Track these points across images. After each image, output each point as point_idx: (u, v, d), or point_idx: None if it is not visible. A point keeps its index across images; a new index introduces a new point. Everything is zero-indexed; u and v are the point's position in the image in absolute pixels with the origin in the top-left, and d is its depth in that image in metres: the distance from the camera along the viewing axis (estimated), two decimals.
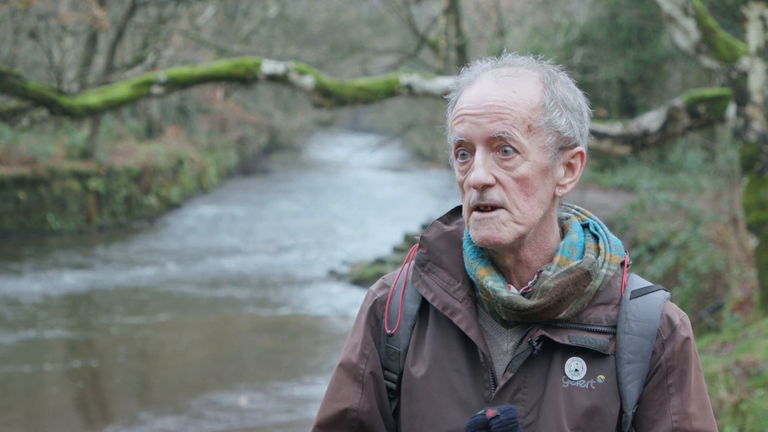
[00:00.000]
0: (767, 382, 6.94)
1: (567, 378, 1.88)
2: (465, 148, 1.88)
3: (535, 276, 1.92)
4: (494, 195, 1.86)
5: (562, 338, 1.88)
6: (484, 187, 1.86)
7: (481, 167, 1.85)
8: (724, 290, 10.38)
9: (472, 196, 1.87)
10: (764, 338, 7.87)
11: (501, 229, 1.86)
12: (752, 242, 8.74)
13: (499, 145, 1.86)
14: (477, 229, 1.87)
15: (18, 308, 14.84)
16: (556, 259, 1.91)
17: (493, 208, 1.86)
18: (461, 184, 1.90)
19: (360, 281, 17.14)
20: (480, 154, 1.86)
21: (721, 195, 12.49)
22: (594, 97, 20.60)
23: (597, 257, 1.92)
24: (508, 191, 1.86)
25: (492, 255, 1.94)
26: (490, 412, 1.83)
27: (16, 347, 12.71)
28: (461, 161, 1.89)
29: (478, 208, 1.87)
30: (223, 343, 13.74)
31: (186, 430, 9.76)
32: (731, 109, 9.01)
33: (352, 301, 15.71)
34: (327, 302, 15.96)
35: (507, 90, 1.87)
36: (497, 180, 1.86)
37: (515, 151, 1.86)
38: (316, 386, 11.08)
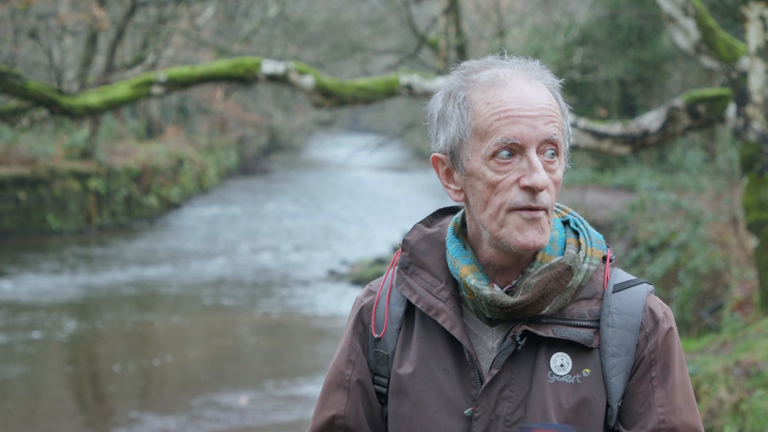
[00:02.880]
0: (767, 382, 6.94)
1: (553, 373, 1.89)
2: (511, 149, 1.86)
3: (519, 275, 1.92)
4: (545, 198, 1.86)
5: (546, 332, 1.88)
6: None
7: (542, 170, 1.85)
8: (724, 290, 10.38)
9: (518, 197, 1.85)
10: (764, 338, 7.87)
11: (545, 230, 1.87)
12: (752, 242, 8.73)
13: (545, 148, 1.86)
14: (525, 230, 1.86)
15: (18, 308, 14.83)
16: (538, 256, 1.92)
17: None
18: (495, 184, 1.86)
19: (360, 281, 17.13)
20: (535, 156, 1.85)
21: (721, 195, 12.49)
22: (594, 97, 20.60)
23: (578, 252, 1.93)
24: (551, 194, 1.87)
25: (476, 253, 1.95)
26: None
27: (16, 347, 12.70)
28: (503, 161, 1.86)
29: (525, 210, 1.85)
30: (223, 343, 13.74)
31: (186, 430, 9.77)
32: (731, 109, 9.01)
33: (352, 301, 15.68)
34: (327, 302, 15.97)
35: (543, 93, 1.89)
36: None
37: (557, 154, 1.88)
38: (315, 386, 11.08)
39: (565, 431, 1.85)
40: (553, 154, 1.87)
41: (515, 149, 1.85)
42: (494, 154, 1.86)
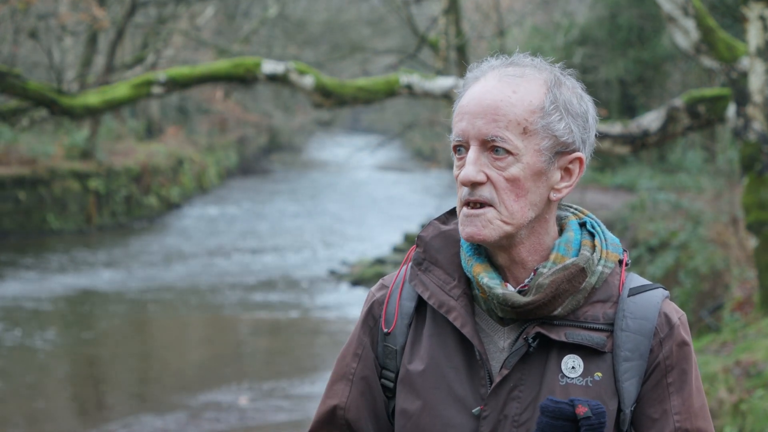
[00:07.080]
0: (767, 382, 6.94)
1: (564, 375, 1.88)
2: (462, 145, 1.90)
3: (532, 274, 1.92)
4: (484, 192, 1.87)
5: (558, 335, 1.88)
6: (474, 185, 1.87)
7: (472, 165, 1.87)
8: (724, 290, 10.38)
9: (464, 191, 1.89)
10: (764, 338, 7.87)
11: (487, 226, 1.87)
12: (752, 242, 8.73)
13: (493, 146, 1.87)
14: (464, 225, 1.90)
15: (17, 308, 14.83)
16: (552, 256, 1.92)
17: (483, 205, 1.88)
18: (456, 178, 1.92)
19: (360, 281, 17.14)
20: (473, 153, 1.88)
21: (721, 195, 12.50)
22: (594, 97, 20.59)
23: (592, 254, 1.93)
24: (499, 190, 1.87)
25: (488, 253, 1.95)
26: (581, 410, 1.82)
27: (16, 347, 12.71)
28: (458, 156, 1.91)
29: (468, 204, 1.89)
30: (223, 343, 13.74)
31: (186, 430, 9.77)
32: (731, 109, 9.01)
33: (352, 301, 15.70)
34: (327, 302, 15.97)
35: (508, 90, 1.88)
36: (488, 178, 1.87)
37: (507, 152, 1.87)
38: (315, 386, 11.09)
39: (594, 406, 1.82)
40: (498, 151, 1.87)
41: (465, 145, 1.90)
42: (455, 150, 1.92)
